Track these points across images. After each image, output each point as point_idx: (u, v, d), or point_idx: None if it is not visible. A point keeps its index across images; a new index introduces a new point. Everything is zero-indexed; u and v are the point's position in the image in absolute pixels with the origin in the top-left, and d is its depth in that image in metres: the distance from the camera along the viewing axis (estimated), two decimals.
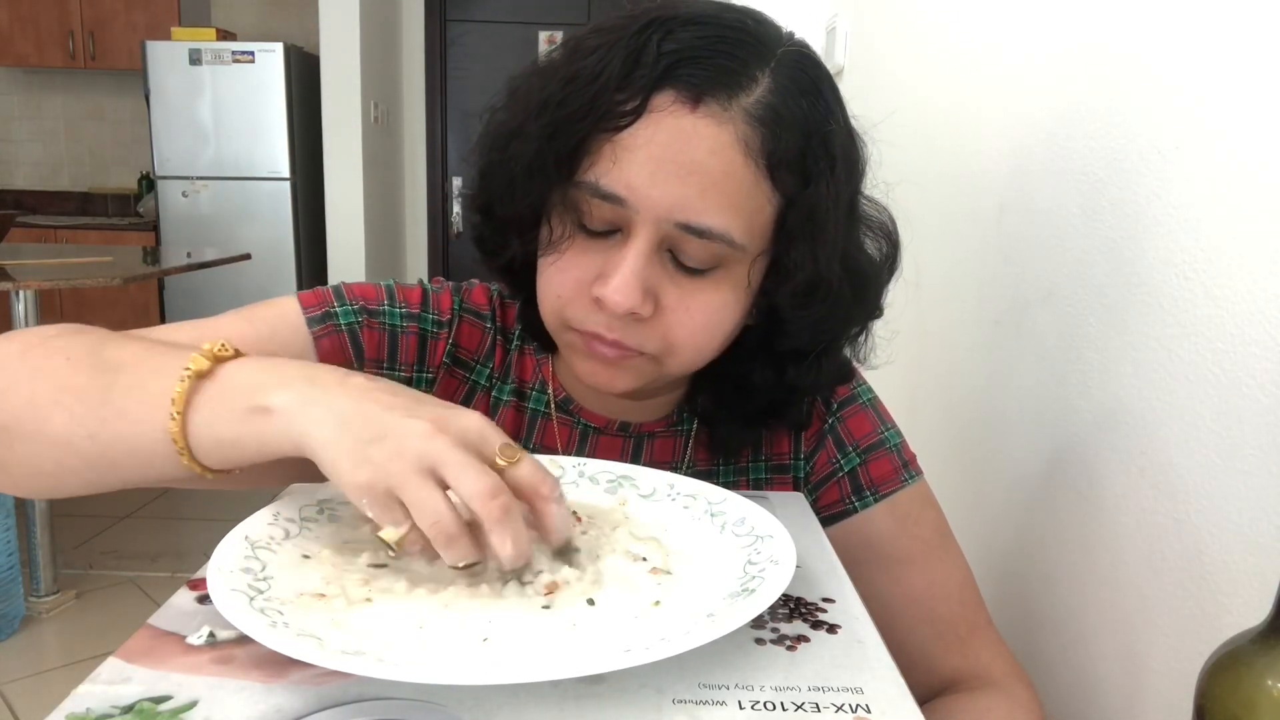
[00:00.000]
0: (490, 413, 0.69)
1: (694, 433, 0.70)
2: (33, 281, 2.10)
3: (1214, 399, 0.58)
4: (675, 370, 0.61)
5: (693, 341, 0.58)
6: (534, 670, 0.36)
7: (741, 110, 0.54)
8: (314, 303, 0.65)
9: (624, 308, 0.55)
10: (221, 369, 0.48)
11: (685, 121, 0.53)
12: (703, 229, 0.54)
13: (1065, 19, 0.81)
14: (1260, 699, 0.36)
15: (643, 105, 0.53)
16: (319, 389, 0.46)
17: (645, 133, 0.53)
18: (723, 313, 0.58)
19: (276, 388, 0.46)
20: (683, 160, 0.53)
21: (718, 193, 0.54)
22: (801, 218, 0.56)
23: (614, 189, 0.54)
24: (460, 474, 0.42)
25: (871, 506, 0.68)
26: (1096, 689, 0.71)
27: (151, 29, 4.18)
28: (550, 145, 0.55)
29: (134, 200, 4.60)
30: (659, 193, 0.53)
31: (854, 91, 1.56)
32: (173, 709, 0.36)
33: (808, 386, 0.65)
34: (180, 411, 0.47)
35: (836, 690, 0.39)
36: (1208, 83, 0.60)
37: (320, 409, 0.45)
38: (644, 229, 0.55)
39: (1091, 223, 0.73)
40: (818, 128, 0.56)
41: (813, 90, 0.57)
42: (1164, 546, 0.63)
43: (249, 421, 0.46)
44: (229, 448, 0.47)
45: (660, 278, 0.57)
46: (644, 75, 0.53)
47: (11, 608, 2.15)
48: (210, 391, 0.48)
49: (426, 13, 4.47)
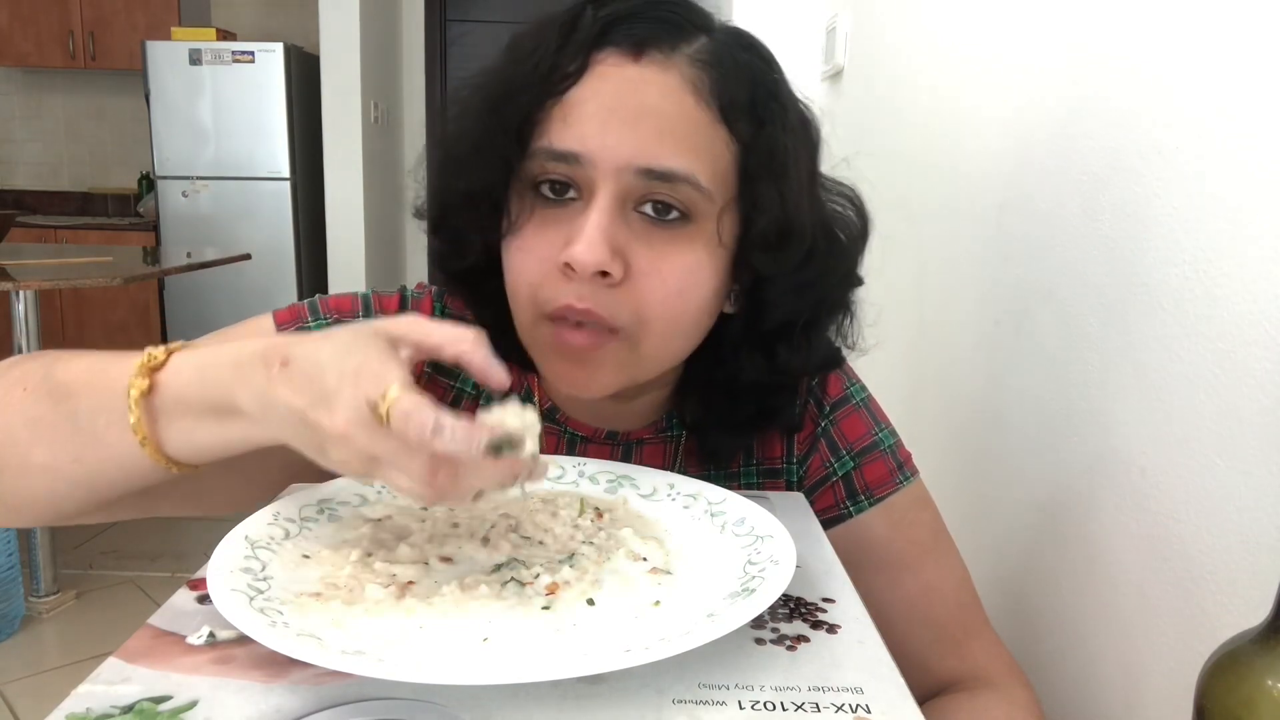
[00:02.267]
0: None
1: (683, 439, 0.69)
2: (33, 281, 2.10)
3: (1214, 399, 0.58)
4: (650, 353, 0.58)
5: (667, 309, 0.56)
6: (534, 670, 0.36)
7: (685, 57, 0.55)
8: (289, 319, 0.65)
9: (591, 265, 0.53)
10: (160, 380, 0.49)
11: (629, 71, 0.54)
12: (664, 171, 0.53)
13: (1065, 19, 0.81)
14: (1260, 699, 0.36)
15: (584, 63, 0.54)
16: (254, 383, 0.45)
17: (591, 86, 0.54)
18: (696, 274, 0.56)
19: (230, 387, 0.46)
20: (632, 105, 0.53)
21: (674, 135, 0.53)
22: (762, 159, 0.56)
23: (568, 146, 0.53)
24: (390, 478, 0.42)
25: (866, 511, 0.67)
26: (1096, 689, 0.71)
27: (151, 29, 4.18)
28: (498, 121, 0.55)
29: (134, 200, 4.60)
30: (614, 140, 0.53)
31: (854, 91, 1.56)
32: (173, 709, 0.36)
33: (799, 368, 0.64)
34: (146, 437, 0.48)
35: (836, 690, 0.39)
36: (1208, 83, 0.60)
37: (274, 418, 0.45)
38: (604, 183, 0.53)
39: (1091, 223, 0.73)
40: (763, 78, 0.57)
41: (752, 48, 0.58)
42: (1164, 546, 0.63)
43: (222, 425, 0.47)
44: (208, 449, 0.49)
45: (628, 238, 0.55)
46: (581, 38, 0.54)
47: (11, 608, 2.15)
48: (164, 404, 0.48)
49: (426, 13, 4.47)
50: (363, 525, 0.52)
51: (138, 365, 0.49)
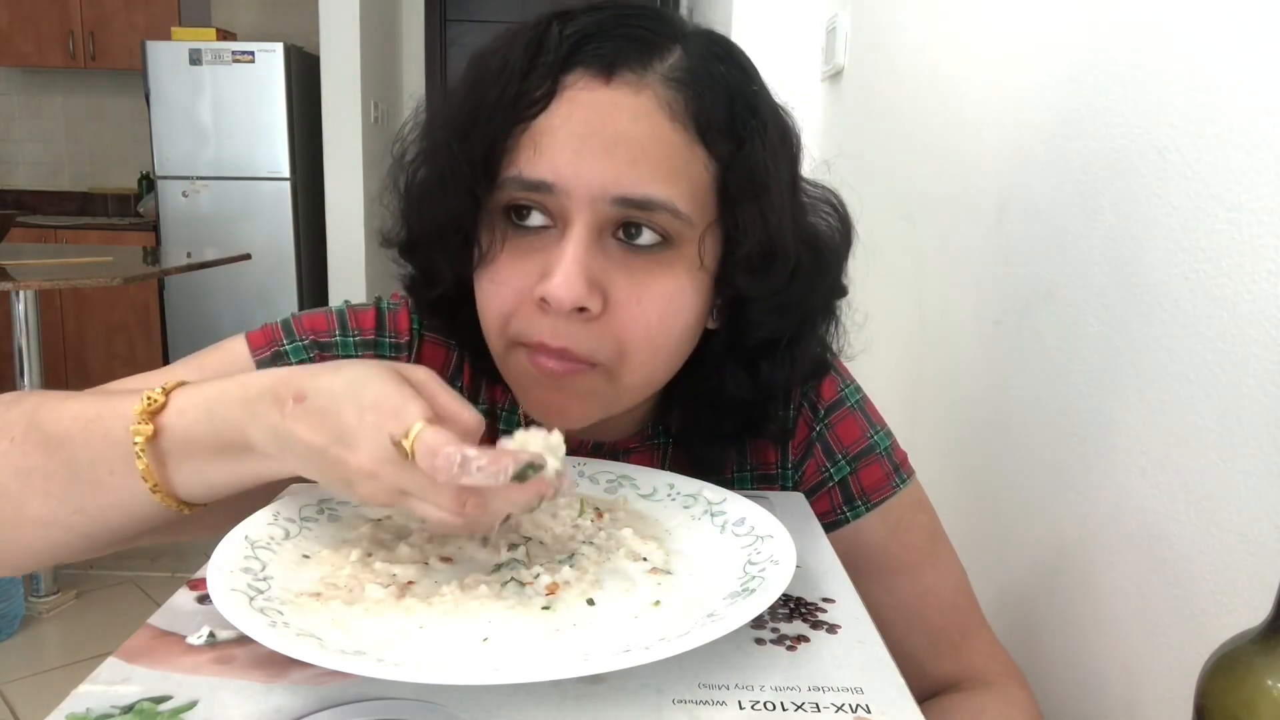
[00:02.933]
0: None
1: (670, 446, 0.68)
2: (33, 281, 2.10)
3: (1214, 399, 0.58)
4: (631, 384, 0.56)
5: (648, 340, 0.54)
6: (534, 670, 0.36)
7: (658, 76, 0.52)
8: (263, 343, 0.63)
9: (569, 302, 0.50)
10: (164, 423, 0.48)
11: (600, 94, 0.51)
12: (641, 199, 0.51)
13: (1065, 19, 0.81)
14: (1260, 699, 0.36)
15: (553, 87, 0.51)
16: (265, 420, 0.45)
17: (561, 112, 0.51)
18: (679, 300, 0.54)
19: (241, 426, 0.46)
20: (606, 132, 0.51)
21: (649, 161, 0.51)
22: (742, 179, 0.54)
23: (540, 175, 0.51)
24: (419, 511, 0.43)
25: (863, 516, 0.66)
26: (1096, 689, 0.71)
27: (151, 29, 4.18)
28: (464, 150, 0.52)
29: (134, 200, 4.60)
30: (587, 169, 0.50)
31: (854, 91, 1.56)
32: (173, 709, 0.36)
33: (783, 383, 0.62)
34: (158, 484, 0.48)
35: (836, 690, 0.39)
36: (1207, 83, 0.60)
37: (290, 455, 0.45)
38: (579, 213, 0.51)
39: (1091, 223, 0.73)
40: (740, 91, 0.54)
41: (728, 58, 0.55)
42: (1164, 547, 0.63)
43: (234, 464, 0.48)
44: (221, 487, 0.49)
45: (606, 268, 0.52)
46: (548, 60, 0.51)
47: (11, 608, 2.15)
48: (172, 448, 0.48)
49: (426, 13, 4.47)
50: (363, 525, 0.52)
51: (137, 411, 0.48)
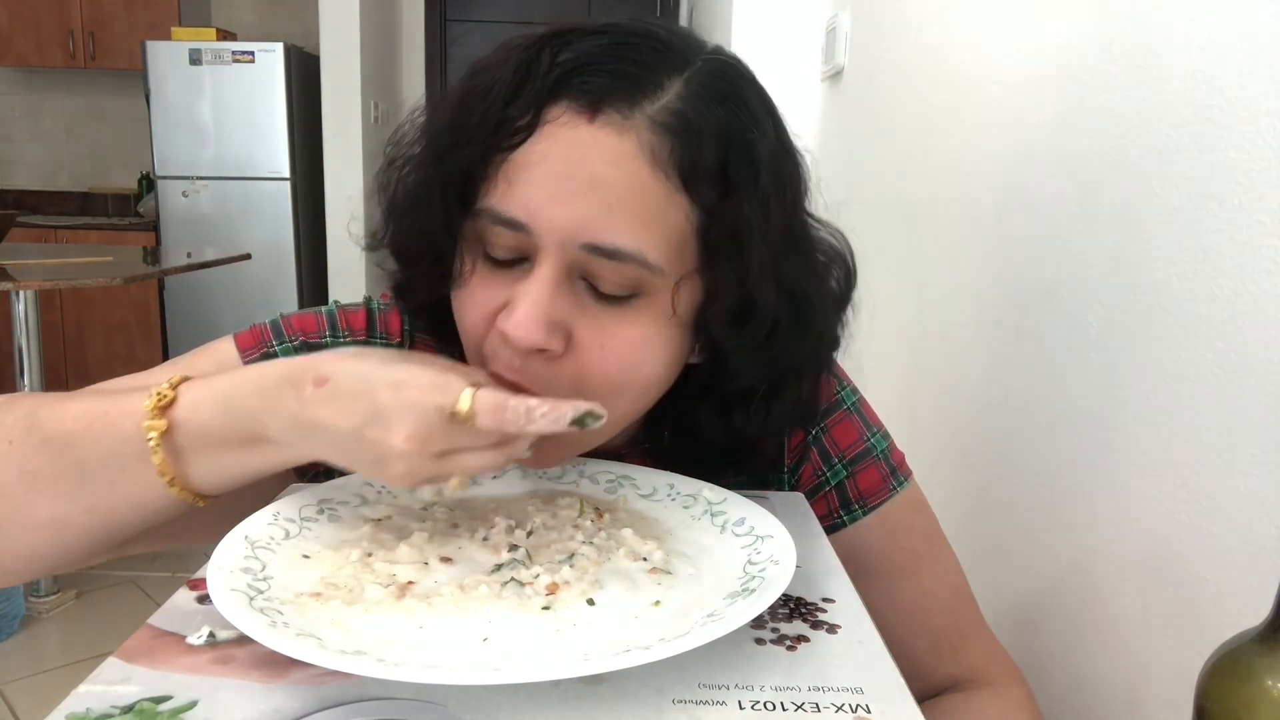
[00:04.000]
0: None
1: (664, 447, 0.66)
2: (33, 281, 2.10)
3: (1214, 399, 0.58)
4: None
5: (607, 384, 0.52)
6: (534, 670, 0.36)
7: (645, 118, 0.49)
8: (251, 344, 0.63)
9: (526, 343, 0.50)
10: (177, 418, 0.49)
11: (583, 133, 0.49)
12: (611, 249, 0.49)
13: (1065, 19, 0.81)
14: (1260, 699, 0.36)
15: (535, 119, 0.49)
16: (285, 409, 0.46)
17: (540, 148, 0.49)
18: (644, 350, 0.53)
19: (258, 415, 0.47)
20: (582, 175, 0.49)
21: (624, 209, 0.49)
22: (724, 233, 0.51)
23: (511, 212, 0.50)
24: (461, 465, 0.45)
25: (861, 520, 0.66)
26: (1097, 689, 0.71)
27: (151, 29, 4.17)
28: (439, 172, 0.52)
29: (134, 200, 4.60)
30: (560, 212, 0.49)
31: (854, 91, 1.56)
32: (173, 709, 0.36)
33: (754, 433, 0.60)
34: (175, 477, 0.49)
35: (836, 690, 0.39)
36: (1207, 83, 0.60)
37: (312, 440, 0.46)
38: (548, 254, 0.50)
39: (1091, 223, 0.73)
40: (737, 136, 0.51)
41: (732, 98, 0.52)
42: (1164, 546, 0.63)
43: (250, 454, 0.49)
44: (238, 477, 0.50)
45: (571, 309, 0.51)
46: (535, 87, 0.49)
47: (11, 608, 2.15)
48: (187, 442, 0.49)
49: (426, 13, 4.47)
50: (363, 525, 0.52)
51: (148, 407, 0.48)
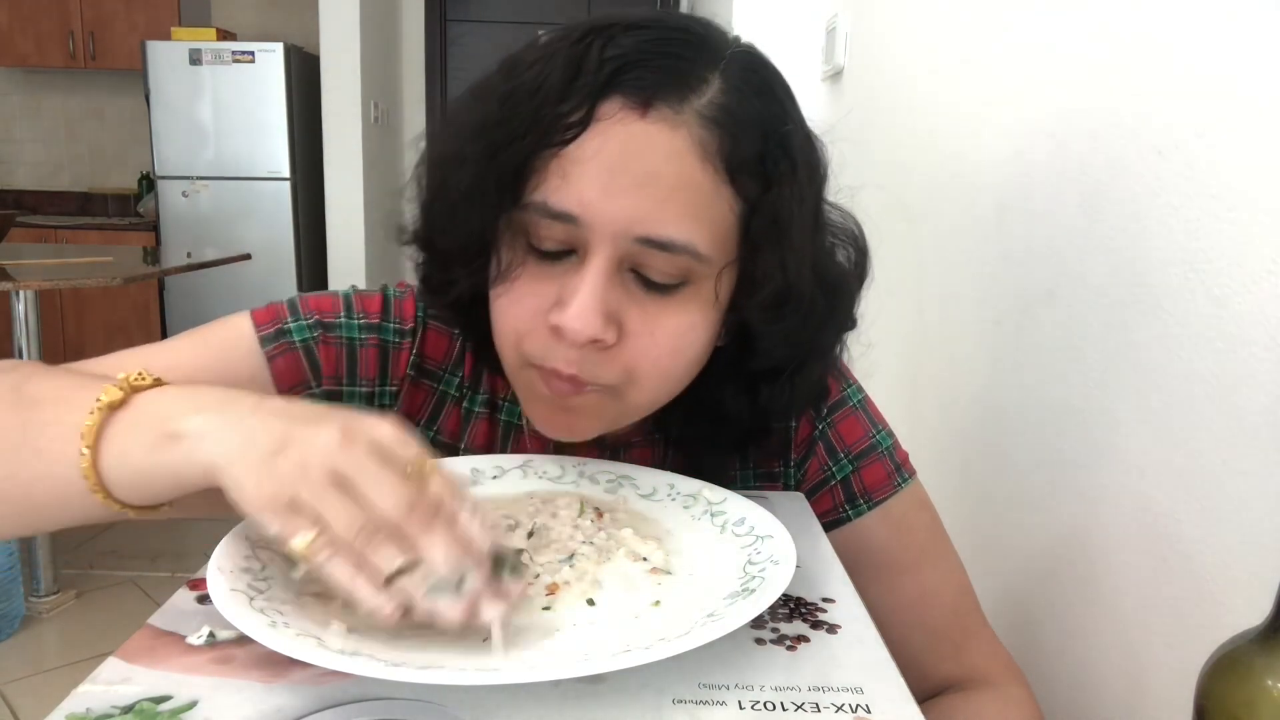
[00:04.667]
0: (462, 424, 0.67)
1: (671, 443, 0.68)
2: (33, 281, 2.10)
3: (1214, 399, 0.58)
4: (637, 403, 0.57)
5: (657, 370, 0.54)
6: (534, 670, 0.36)
7: (694, 113, 0.51)
8: (267, 320, 0.63)
9: (584, 335, 0.51)
10: (136, 399, 0.46)
11: (636, 128, 0.50)
12: (665, 241, 0.51)
13: (1065, 19, 0.81)
14: (1260, 699, 0.36)
15: (589, 115, 0.50)
16: (230, 412, 0.43)
17: (594, 143, 0.50)
18: (690, 335, 0.55)
19: (189, 413, 0.44)
20: (636, 170, 0.50)
21: (677, 202, 0.50)
22: (766, 223, 0.53)
23: (565, 207, 0.50)
24: (375, 486, 0.39)
25: (865, 514, 0.67)
26: (1097, 689, 0.71)
27: (151, 29, 4.18)
28: (491, 167, 0.52)
29: (134, 200, 4.60)
30: (614, 206, 0.50)
31: (854, 92, 1.56)
32: (173, 709, 0.36)
33: (781, 409, 0.62)
34: (90, 446, 0.44)
35: (836, 690, 0.39)
36: (1207, 83, 0.60)
37: (228, 430, 0.42)
38: (601, 247, 0.51)
39: (1091, 223, 0.73)
40: (774, 128, 0.53)
41: (766, 90, 0.54)
42: (1164, 546, 0.63)
43: (159, 450, 0.44)
44: (143, 480, 0.45)
45: (622, 300, 0.53)
46: (587, 84, 0.50)
47: (11, 608, 2.15)
48: (123, 423, 0.45)
49: (426, 13, 4.48)
50: None
51: (121, 378, 0.47)
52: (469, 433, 0.67)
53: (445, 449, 0.66)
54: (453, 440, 0.67)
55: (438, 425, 0.66)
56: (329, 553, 0.39)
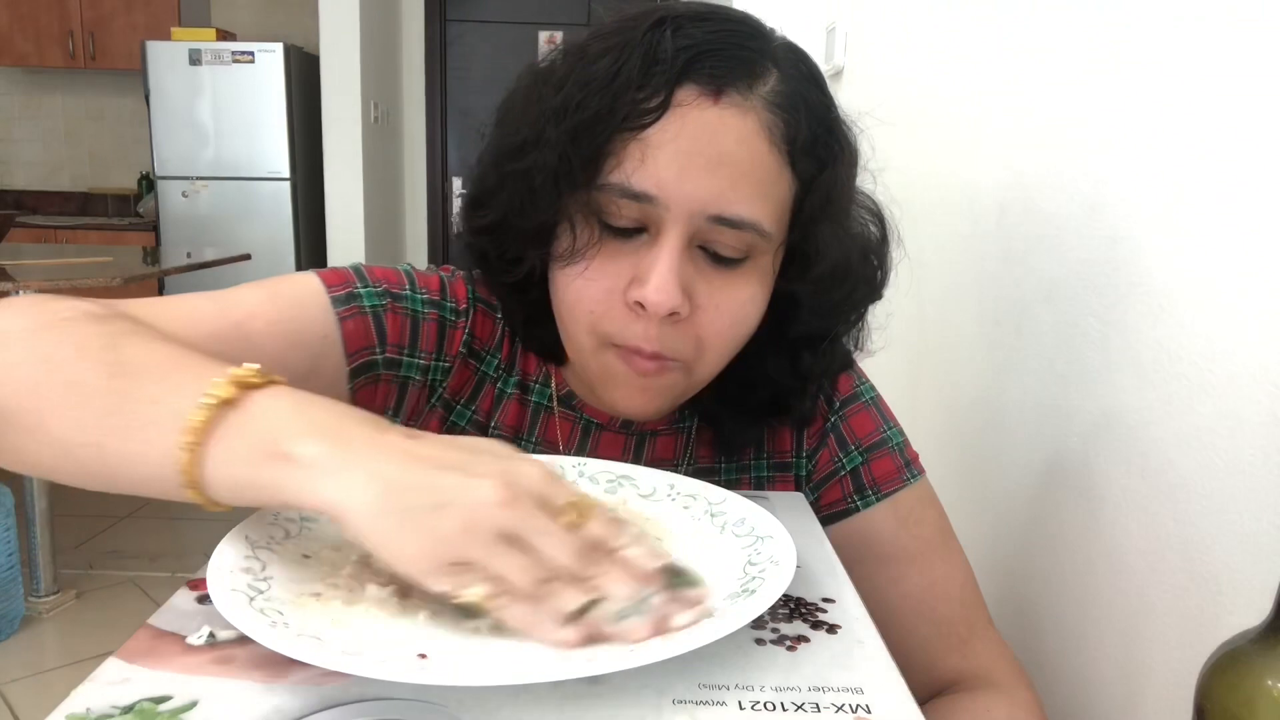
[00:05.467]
0: (495, 405, 0.69)
1: (695, 429, 0.70)
2: (33, 281, 2.10)
3: (1214, 399, 0.58)
4: (703, 375, 0.61)
5: (720, 340, 0.58)
6: (534, 670, 0.36)
7: (761, 99, 0.55)
8: (337, 282, 0.63)
9: (666, 307, 0.54)
10: (248, 401, 0.43)
11: (710, 114, 0.54)
12: (736, 219, 0.55)
13: (1065, 19, 0.81)
14: (1260, 699, 0.36)
15: (666, 101, 0.53)
16: (352, 444, 0.41)
17: (672, 128, 0.53)
18: (749, 306, 0.59)
19: (305, 435, 0.41)
20: (711, 152, 0.54)
21: (748, 182, 0.54)
22: (820, 202, 0.58)
23: (644, 187, 0.54)
24: (547, 542, 0.39)
25: (873, 506, 0.68)
26: (1097, 689, 0.71)
27: (151, 29, 4.18)
28: (575, 149, 0.54)
29: (134, 200, 4.60)
30: (691, 187, 0.54)
31: (854, 92, 1.56)
32: (173, 709, 0.36)
33: (819, 374, 0.66)
34: (196, 443, 0.42)
35: (836, 690, 0.39)
36: (1207, 83, 0.60)
37: (354, 470, 0.40)
38: (675, 225, 0.55)
39: (1092, 223, 0.73)
40: (824, 112, 0.58)
41: (813, 79, 0.58)
42: (1164, 546, 0.63)
43: (268, 467, 0.41)
44: (241, 490, 0.42)
45: (692, 275, 0.56)
46: (664, 71, 0.53)
47: (11, 608, 2.15)
48: (233, 426, 0.42)
49: (426, 13, 4.48)
50: None
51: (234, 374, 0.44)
52: (500, 413, 0.69)
53: (478, 428, 0.68)
54: (485, 420, 0.69)
55: (475, 405, 0.68)
56: (506, 600, 0.39)
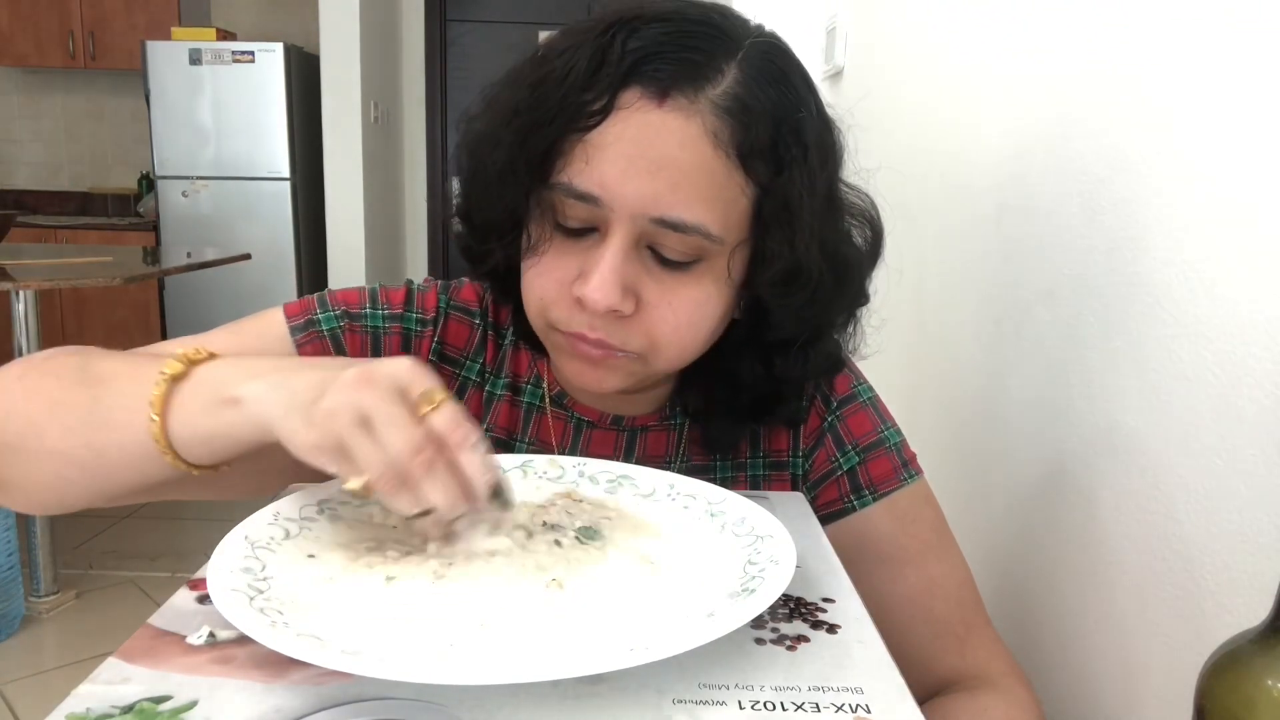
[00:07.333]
0: (484, 407, 0.70)
1: (687, 427, 0.71)
2: (33, 281, 2.10)
3: (1214, 399, 0.58)
4: (662, 367, 0.61)
5: (676, 337, 0.59)
6: (534, 670, 0.36)
7: (709, 102, 0.54)
8: (298, 312, 0.68)
9: (603, 305, 0.56)
10: (196, 370, 0.52)
11: (653, 116, 0.54)
12: (677, 222, 0.55)
13: (1065, 19, 0.81)
14: (1260, 699, 0.36)
15: (610, 104, 0.54)
16: (279, 373, 0.48)
17: (614, 130, 0.54)
18: (706, 307, 0.59)
19: (245, 379, 0.49)
20: (652, 155, 0.54)
21: (690, 185, 0.54)
22: (776, 206, 0.57)
23: (587, 188, 0.55)
24: (385, 430, 0.44)
25: (870, 505, 0.68)
26: (1096, 689, 0.71)
27: (151, 29, 4.18)
28: (522, 150, 0.56)
29: (134, 200, 4.60)
30: (632, 189, 0.54)
31: (854, 92, 1.56)
32: (173, 709, 0.36)
33: (796, 378, 0.66)
34: (159, 413, 0.50)
35: (836, 690, 0.39)
36: (1207, 83, 0.60)
37: (278, 389, 0.47)
38: (619, 226, 0.55)
39: (1091, 223, 0.73)
40: (788, 115, 0.57)
41: (781, 79, 0.57)
42: (1164, 546, 0.63)
43: (221, 413, 0.49)
44: (207, 441, 0.51)
45: (640, 274, 0.57)
46: (609, 74, 0.54)
47: (11, 608, 2.15)
48: (185, 392, 0.51)
49: (426, 13, 4.48)
50: (363, 526, 0.52)
51: (180, 353, 0.52)
52: (491, 415, 0.70)
53: None
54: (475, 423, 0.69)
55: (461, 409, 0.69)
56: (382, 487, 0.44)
